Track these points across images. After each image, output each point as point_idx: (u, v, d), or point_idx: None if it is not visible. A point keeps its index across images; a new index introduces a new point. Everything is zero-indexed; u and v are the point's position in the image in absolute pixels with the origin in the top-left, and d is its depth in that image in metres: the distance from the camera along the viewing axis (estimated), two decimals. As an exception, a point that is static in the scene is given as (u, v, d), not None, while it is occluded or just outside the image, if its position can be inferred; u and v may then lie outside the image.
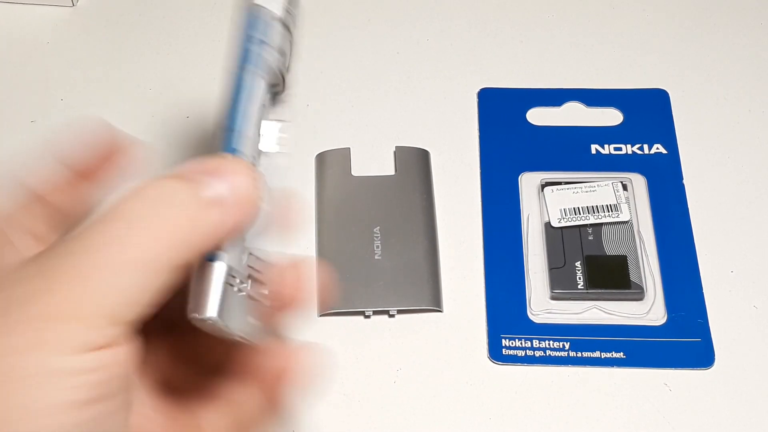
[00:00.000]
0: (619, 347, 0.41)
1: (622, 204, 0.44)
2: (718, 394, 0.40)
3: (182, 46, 0.52)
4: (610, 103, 0.49)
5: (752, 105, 0.49)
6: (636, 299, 0.42)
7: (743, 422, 0.39)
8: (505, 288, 0.43)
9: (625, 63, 0.51)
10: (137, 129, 0.49)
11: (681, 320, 0.42)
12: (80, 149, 0.29)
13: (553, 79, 0.50)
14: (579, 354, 0.41)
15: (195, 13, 0.54)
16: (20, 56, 0.52)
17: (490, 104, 0.49)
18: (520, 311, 0.42)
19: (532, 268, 0.43)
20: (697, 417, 0.39)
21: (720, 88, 0.50)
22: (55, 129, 0.49)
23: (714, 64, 0.51)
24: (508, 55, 0.52)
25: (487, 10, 0.54)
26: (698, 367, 0.41)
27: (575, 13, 0.54)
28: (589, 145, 0.47)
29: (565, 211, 0.44)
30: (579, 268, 0.43)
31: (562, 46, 0.52)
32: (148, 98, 0.50)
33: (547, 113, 0.49)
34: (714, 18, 0.53)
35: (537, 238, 0.44)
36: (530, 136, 0.48)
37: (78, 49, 0.52)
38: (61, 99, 0.50)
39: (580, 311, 0.42)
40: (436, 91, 0.50)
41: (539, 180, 0.46)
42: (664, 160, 0.47)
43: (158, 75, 0.51)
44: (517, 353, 0.41)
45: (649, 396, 0.40)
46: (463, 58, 0.52)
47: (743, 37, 0.52)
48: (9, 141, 0.48)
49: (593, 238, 0.43)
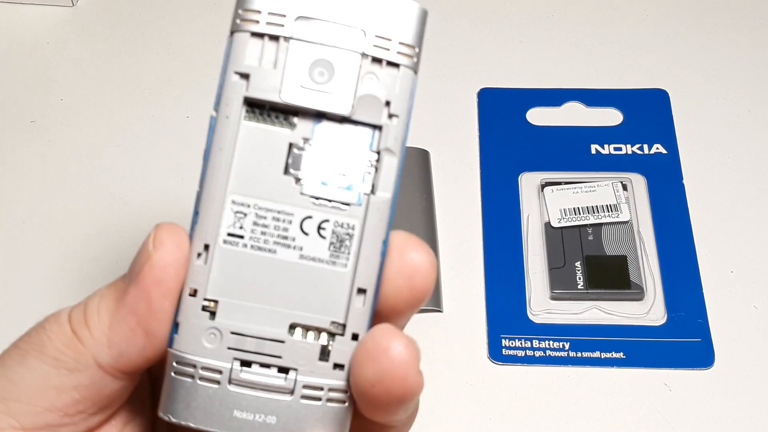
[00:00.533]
0: (619, 347, 0.41)
1: (622, 204, 0.44)
2: (718, 394, 0.40)
3: (182, 46, 0.52)
4: (610, 103, 0.49)
5: (752, 105, 0.49)
6: (636, 299, 0.42)
7: (743, 422, 0.39)
8: (505, 288, 0.43)
9: (625, 63, 0.51)
10: (137, 129, 0.49)
11: (681, 320, 0.42)
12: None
13: (553, 79, 0.50)
14: (579, 354, 0.41)
15: (195, 13, 0.54)
16: (20, 56, 0.52)
17: (490, 104, 0.49)
18: (520, 311, 0.42)
19: (532, 268, 0.43)
20: (697, 417, 0.39)
21: (720, 88, 0.50)
22: (55, 129, 0.49)
23: (714, 64, 0.51)
24: (508, 55, 0.52)
25: (487, 10, 0.54)
26: (698, 367, 0.41)
27: (575, 13, 0.54)
28: (589, 145, 0.47)
29: (565, 211, 0.44)
30: (579, 268, 0.43)
31: (562, 46, 0.52)
32: (148, 98, 0.50)
33: (547, 113, 0.49)
34: (714, 18, 0.53)
35: (537, 238, 0.44)
36: (530, 136, 0.48)
37: (78, 49, 0.52)
38: (61, 99, 0.50)
39: (580, 311, 0.42)
40: (436, 91, 0.50)
41: (539, 180, 0.46)
42: (664, 160, 0.47)
43: (158, 75, 0.51)
44: (517, 353, 0.41)
45: (649, 396, 0.40)
46: (463, 58, 0.52)
47: (743, 37, 0.52)
48: (9, 141, 0.48)
49: (593, 238, 0.43)
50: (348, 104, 0.22)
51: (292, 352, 0.22)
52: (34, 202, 0.46)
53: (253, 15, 0.22)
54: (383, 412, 0.22)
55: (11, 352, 0.23)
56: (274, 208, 0.23)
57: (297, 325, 0.23)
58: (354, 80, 0.22)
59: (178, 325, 0.22)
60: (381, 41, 0.23)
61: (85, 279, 0.44)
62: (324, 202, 0.23)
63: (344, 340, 0.23)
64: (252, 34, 0.22)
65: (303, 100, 0.22)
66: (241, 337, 0.22)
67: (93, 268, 0.44)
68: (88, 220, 0.46)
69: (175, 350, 0.22)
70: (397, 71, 0.23)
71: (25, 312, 0.42)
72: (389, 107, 0.23)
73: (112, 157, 0.48)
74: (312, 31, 0.22)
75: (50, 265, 0.44)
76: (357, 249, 0.23)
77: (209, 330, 0.22)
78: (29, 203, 0.46)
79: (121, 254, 0.45)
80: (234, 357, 0.22)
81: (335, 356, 0.22)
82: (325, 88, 0.22)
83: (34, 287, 0.43)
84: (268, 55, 0.22)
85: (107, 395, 0.23)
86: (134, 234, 0.45)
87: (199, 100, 0.50)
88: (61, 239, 0.45)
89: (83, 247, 0.45)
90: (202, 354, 0.22)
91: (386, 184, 0.23)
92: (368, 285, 0.23)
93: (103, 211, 0.46)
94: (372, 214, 0.23)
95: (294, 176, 0.23)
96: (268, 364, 0.22)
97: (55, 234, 0.45)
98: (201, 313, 0.22)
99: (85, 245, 0.45)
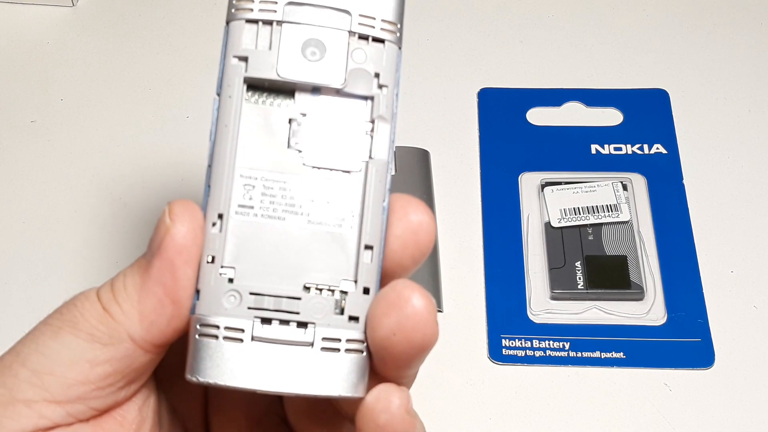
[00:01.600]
0: (619, 347, 0.41)
1: (622, 204, 0.44)
2: (718, 394, 0.40)
3: (182, 46, 0.52)
4: (610, 103, 0.49)
5: (752, 105, 0.49)
6: (636, 299, 0.42)
7: (743, 422, 0.39)
8: (505, 288, 0.43)
9: (625, 63, 0.51)
10: (137, 129, 0.49)
11: (681, 320, 0.42)
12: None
13: (553, 79, 0.50)
14: (579, 354, 0.41)
15: (195, 13, 0.54)
16: (20, 56, 0.52)
17: (490, 104, 0.49)
18: (520, 311, 0.42)
19: (532, 268, 0.43)
20: (697, 417, 0.39)
21: (720, 88, 0.50)
22: (55, 129, 0.49)
23: (714, 64, 0.51)
24: (508, 55, 0.52)
25: (487, 10, 0.54)
26: (698, 367, 0.41)
27: (575, 13, 0.54)
28: (589, 145, 0.47)
29: (565, 211, 0.44)
30: (579, 268, 0.43)
31: (562, 46, 0.52)
32: (148, 98, 0.50)
33: (547, 113, 0.49)
34: (714, 18, 0.53)
35: (537, 238, 0.44)
36: (530, 136, 0.48)
37: (78, 49, 0.52)
38: (61, 99, 0.50)
39: (580, 311, 0.42)
40: (436, 91, 0.50)
41: (539, 180, 0.46)
42: (664, 160, 0.47)
43: (158, 75, 0.51)
44: (517, 353, 0.41)
45: (649, 396, 0.40)
46: (463, 58, 0.52)
47: (743, 37, 0.52)
48: (9, 141, 0.48)
49: (593, 238, 0.43)
50: (341, 77, 0.24)
51: (308, 307, 0.24)
52: (34, 202, 0.46)
53: (246, 3, 0.25)
54: (399, 363, 0.24)
55: (43, 329, 0.24)
56: (280, 179, 0.24)
57: (310, 285, 0.24)
58: (344, 55, 0.24)
59: (198, 292, 0.23)
60: (365, 20, 0.24)
61: (86, 279, 0.44)
62: (326, 171, 0.24)
63: (356, 293, 0.24)
64: (247, 21, 0.24)
65: (299, 75, 0.24)
66: (260, 296, 0.23)
67: (93, 268, 0.44)
68: (88, 220, 0.46)
69: (198, 314, 0.23)
70: (383, 46, 0.25)
71: (25, 312, 0.42)
72: (378, 78, 0.25)
73: (112, 157, 0.48)
74: (301, 14, 0.24)
75: (50, 265, 0.44)
76: (360, 210, 0.24)
77: (229, 292, 0.23)
78: (29, 203, 0.46)
79: (121, 254, 0.45)
80: (254, 315, 0.23)
81: (350, 309, 0.24)
82: (318, 65, 0.24)
83: (34, 287, 0.43)
84: (263, 38, 0.24)
85: (136, 369, 0.24)
86: (134, 234, 0.45)
87: (199, 100, 0.50)
88: (61, 239, 0.45)
89: (83, 247, 0.45)
90: (224, 314, 0.23)
91: (381, 148, 0.25)
92: (374, 242, 0.24)
93: (103, 211, 0.46)
94: (371, 176, 0.24)
95: (296, 149, 0.24)
96: (287, 321, 0.23)
97: (55, 234, 0.45)
98: (220, 278, 0.23)
99: (85, 245, 0.45)
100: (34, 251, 0.44)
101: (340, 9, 0.24)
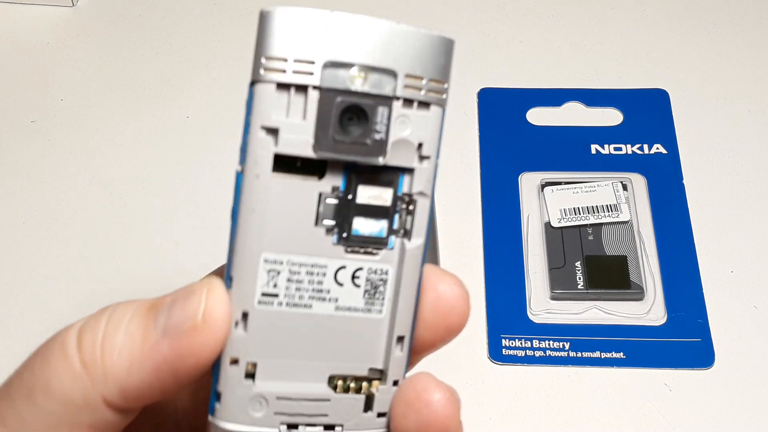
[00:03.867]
0: (619, 347, 0.41)
1: (622, 204, 0.44)
2: (718, 394, 0.40)
3: (182, 46, 0.52)
4: (610, 103, 0.49)
5: (752, 105, 0.49)
6: (636, 299, 0.42)
7: (743, 422, 0.39)
8: (505, 288, 0.43)
9: (625, 63, 0.51)
10: (137, 129, 0.49)
11: (681, 320, 0.42)
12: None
13: (553, 79, 0.50)
14: (579, 354, 0.41)
15: (195, 13, 0.54)
16: (20, 56, 0.52)
17: (490, 104, 0.49)
18: (520, 311, 0.42)
19: (532, 268, 0.43)
20: (697, 417, 0.39)
21: (720, 88, 0.50)
22: (55, 129, 0.49)
23: (714, 64, 0.51)
24: (508, 55, 0.52)
25: (487, 10, 0.54)
26: (698, 367, 0.41)
27: (575, 13, 0.54)
28: (589, 145, 0.47)
29: (565, 211, 0.44)
30: (579, 268, 0.43)
31: (562, 46, 0.52)
32: (148, 98, 0.50)
33: (547, 113, 0.49)
34: (714, 18, 0.53)
35: (537, 238, 0.44)
36: (530, 136, 0.48)
37: (78, 49, 0.52)
38: (61, 99, 0.50)
39: (580, 311, 0.42)
40: (436, 91, 0.50)
41: (539, 180, 0.46)
42: (664, 160, 0.47)
43: (158, 75, 0.51)
44: (517, 353, 0.41)
45: (649, 396, 0.40)
46: (463, 58, 0.52)
47: (743, 37, 0.52)
48: (9, 141, 0.48)
49: (593, 238, 0.43)
50: (383, 153, 0.21)
51: (338, 408, 0.22)
52: (34, 202, 0.46)
53: (278, 63, 0.20)
54: None
55: (17, 384, 0.22)
56: (307, 262, 0.22)
57: (336, 377, 0.22)
58: (387, 127, 0.21)
59: (219, 394, 0.22)
60: (413, 81, 0.21)
61: (86, 279, 0.44)
62: (356, 250, 0.22)
63: (386, 388, 0.22)
64: (278, 85, 0.20)
65: (337, 152, 0.21)
66: (287, 401, 0.22)
67: (93, 268, 0.44)
68: (88, 220, 0.46)
69: (223, 421, 0.22)
70: (428, 111, 0.22)
71: (25, 312, 0.42)
72: (421, 149, 0.22)
73: (112, 157, 0.48)
74: (341, 77, 0.21)
75: (50, 265, 0.44)
76: (391, 294, 0.22)
77: (254, 398, 0.22)
78: (29, 203, 0.46)
79: (121, 254, 0.45)
80: (281, 422, 0.22)
81: (378, 405, 0.22)
82: (357, 137, 0.21)
83: (34, 287, 0.43)
84: (296, 107, 0.21)
85: (116, 424, 0.22)
86: (134, 234, 0.45)
87: (199, 100, 0.50)
88: (61, 239, 0.45)
89: (83, 247, 0.45)
90: (251, 423, 0.22)
91: (419, 227, 0.22)
92: (405, 332, 0.22)
93: (103, 211, 0.46)
94: (406, 259, 0.22)
95: (325, 226, 0.22)
96: (314, 424, 0.22)
97: (55, 234, 0.45)
98: (245, 382, 0.22)
99: (85, 245, 0.45)
100: (34, 251, 0.44)
101: (386, 70, 0.21)
